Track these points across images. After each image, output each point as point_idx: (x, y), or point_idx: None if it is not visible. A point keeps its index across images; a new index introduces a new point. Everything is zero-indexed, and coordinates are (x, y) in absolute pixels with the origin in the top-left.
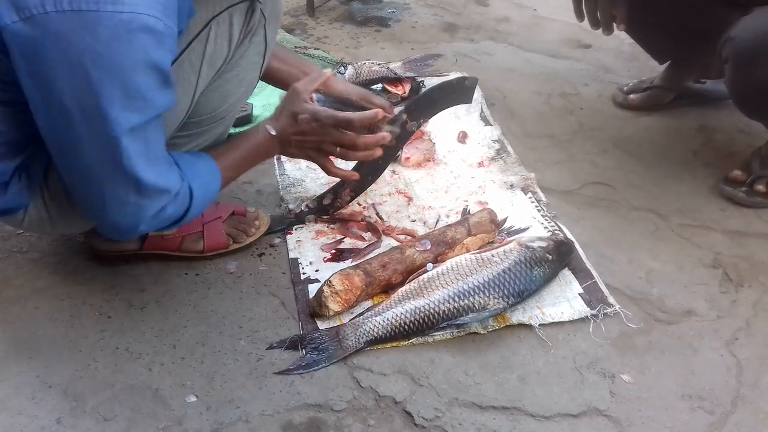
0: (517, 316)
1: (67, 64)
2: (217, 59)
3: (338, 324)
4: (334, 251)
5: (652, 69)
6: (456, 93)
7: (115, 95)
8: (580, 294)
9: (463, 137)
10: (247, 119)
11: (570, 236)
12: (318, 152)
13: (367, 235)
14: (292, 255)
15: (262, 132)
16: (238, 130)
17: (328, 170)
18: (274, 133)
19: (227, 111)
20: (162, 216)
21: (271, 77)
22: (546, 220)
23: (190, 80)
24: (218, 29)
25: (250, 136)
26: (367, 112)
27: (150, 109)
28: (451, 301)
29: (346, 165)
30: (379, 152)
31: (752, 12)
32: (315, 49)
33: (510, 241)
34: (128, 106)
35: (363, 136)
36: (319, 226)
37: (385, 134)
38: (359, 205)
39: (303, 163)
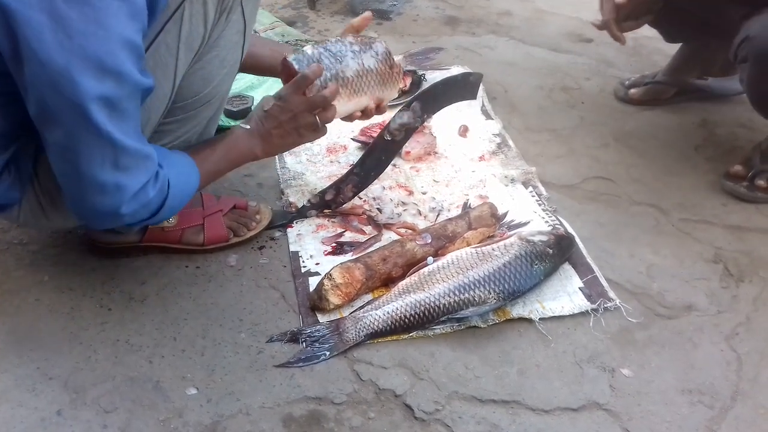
0: (518, 310)
1: (38, 33)
2: (194, 40)
3: (338, 317)
4: (334, 244)
5: (653, 63)
6: (460, 89)
7: (88, 65)
8: (580, 288)
9: (464, 131)
10: (248, 112)
11: (571, 230)
12: (299, 130)
13: (368, 228)
14: (292, 248)
15: (236, 129)
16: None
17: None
18: (247, 126)
19: (212, 94)
20: (143, 197)
21: (255, 68)
22: (547, 214)
23: (168, 63)
24: (192, 9)
25: (227, 133)
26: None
27: (125, 82)
28: (451, 294)
29: (349, 163)
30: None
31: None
32: (316, 42)
33: (510, 235)
34: (100, 76)
35: (323, 91)
36: (320, 220)
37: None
38: (360, 198)
39: (303, 156)
